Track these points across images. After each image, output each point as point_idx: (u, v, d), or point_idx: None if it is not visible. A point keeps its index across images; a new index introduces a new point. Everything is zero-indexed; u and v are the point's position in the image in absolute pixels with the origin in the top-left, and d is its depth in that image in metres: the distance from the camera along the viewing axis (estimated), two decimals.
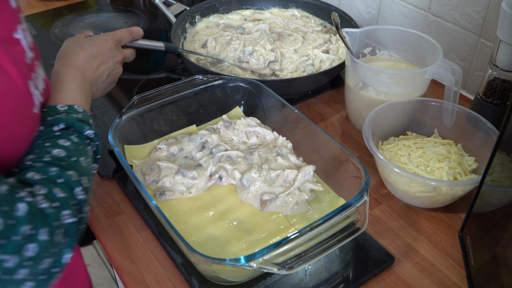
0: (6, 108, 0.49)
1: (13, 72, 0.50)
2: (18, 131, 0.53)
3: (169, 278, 0.70)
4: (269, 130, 0.87)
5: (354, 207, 0.64)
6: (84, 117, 0.64)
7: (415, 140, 0.85)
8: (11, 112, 0.50)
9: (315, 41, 1.14)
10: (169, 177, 0.79)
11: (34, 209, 0.46)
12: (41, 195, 0.49)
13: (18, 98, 0.51)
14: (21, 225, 0.44)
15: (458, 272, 0.71)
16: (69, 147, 0.57)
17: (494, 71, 0.87)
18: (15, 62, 0.50)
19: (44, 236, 0.47)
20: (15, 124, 0.52)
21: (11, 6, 0.50)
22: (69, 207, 0.51)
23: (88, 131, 0.62)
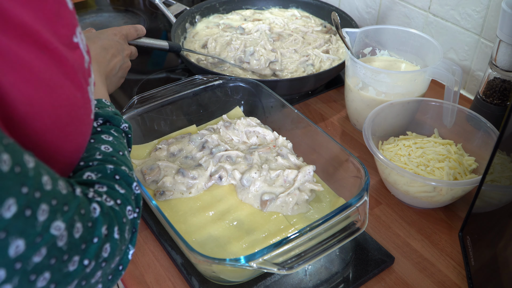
0: (73, 118, 0.46)
1: (77, 80, 0.47)
2: (81, 140, 0.50)
3: (169, 278, 0.70)
4: (269, 130, 0.87)
5: (354, 207, 0.64)
6: (116, 111, 0.63)
7: (415, 140, 0.85)
8: (77, 121, 0.47)
9: (315, 41, 1.14)
10: (169, 177, 0.79)
11: (105, 208, 0.45)
12: (104, 193, 0.47)
13: (81, 106, 0.48)
14: (99, 226, 0.43)
15: (458, 272, 0.71)
16: (113, 142, 0.55)
17: (494, 71, 0.87)
18: (77, 68, 0.47)
19: (116, 234, 0.46)
20: (80, 133, 0.49)
21: (69, 8, 0.45)
22: (130, 203, 0.50)
23: (124, 124, 0.61)
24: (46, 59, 0.41)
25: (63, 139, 0.46)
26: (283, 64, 1.07)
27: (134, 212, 0.51)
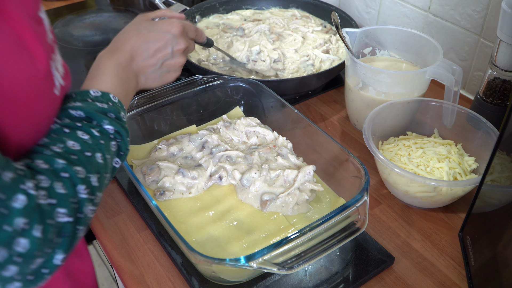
0: (29, 86, 0.48)
1: (38, 51, 0.49)
2: (39, 112, 0.51)
3: (169, 278, 0.70)
4: (269, 130, 0.87)
5: (354, 207, 0.64)
6: (111, 109, 0.59)
7: (415, 140, 0.85)
8: (33, 90, 0.49)
9: (315, 41, 1.14)
10: (169, 177, 0.79)
11: (33, 204, 0.44)
12: (43, 189, 0.47)
13: (41, 77, 0.50)
14: (15, 216, 0.42)
15: (458, 272, 0.71)
16: (87, 141, 0.54)
17: (494, 71, 0.87)
18: (40, 40, 0.50)
19: (38, 233, 0.45)
20: (37, 103, 0.50)
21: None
22: (66, 205, 0.49)
23: (107, 126, 0.57)
24: (7, 29, 0.43)
25: (20, 109, 0.47)
26: (284, 64, 1.07)
27: (69, 217, 0.49)
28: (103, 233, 0.77)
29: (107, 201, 0.82)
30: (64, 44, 1.25)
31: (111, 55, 0.67)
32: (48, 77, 0.51)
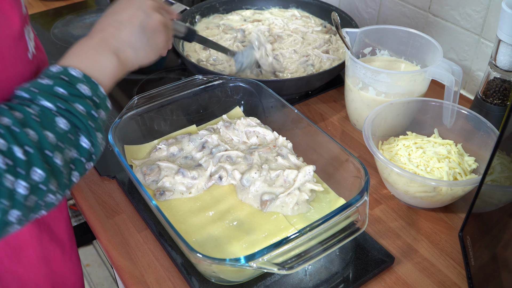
0: (2, 40, 0.51)
1: (13, 15, 0.53)
2: (9, 72, 0.54)
3: (169, 278, 0.70)
4: (269, 130, 0.87)
5: (354, 207, 0.64)
6: (60, 83, 0.54)
7: (415, 140, 0.85)
8: (6, 45, 0.52)
9: (315, 41, 1.14)
10: (169, 177, 0.79)
11: None
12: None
13: (14, 36, 0.53)
14: None
15: (458, 272, 0.71)
16: (17, 117, 0.50)
17: (494, 71, 0.87)
18: (16, 8, 0.54)
19: None
20: (9, 63, 0.53)
21: None
22: None
23: (43, 102, 0.52)
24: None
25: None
26: (283, 65, 1.07)
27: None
28: (103, 233, 0.77)
29: (107, 201, 0.82)
30: (64, 44, 1.25)
31: (81, 40, 0.64)
32: (21, 39, 0.55)
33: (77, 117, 0.54)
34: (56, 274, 0.76)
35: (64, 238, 0.76)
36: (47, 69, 0.57)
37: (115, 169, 0.87)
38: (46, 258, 0.73)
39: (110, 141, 0.76)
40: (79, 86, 0.56)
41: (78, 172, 0.55)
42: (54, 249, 0.74)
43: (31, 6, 1.45)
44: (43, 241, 0.72)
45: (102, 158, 0.90)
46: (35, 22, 1.36)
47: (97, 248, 1.79)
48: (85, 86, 0.56)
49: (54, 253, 0.74)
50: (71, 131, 0.53)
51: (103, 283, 1.75)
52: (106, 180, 0.86)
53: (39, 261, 0.72)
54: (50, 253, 0.74)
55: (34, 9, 1.43)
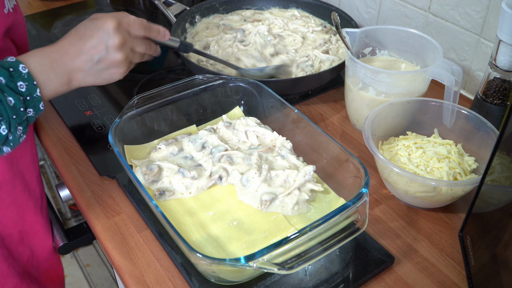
0: None
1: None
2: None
3: (169, 278, 0.70)
4: (269, 130, 0.87)
5: (354, 207, 0.64)
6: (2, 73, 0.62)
7: (415, 140, 0.85)
8: None
9: (315, 41, 1.14)
10: (169, 177, 0.79)
11: None
12: None
13: None
14: None
15: (458, 272, 0.71)
16: None
17: (494, 71, 0.87)
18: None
19: None
20: None
21: None
22: None
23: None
24: None
25: None
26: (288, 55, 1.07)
27: None
28: (103, 233, 0.77)
29: (107, 201, 0.82)
30: None
31: (46, 47, 0.69)
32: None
33: (4, 107, 0.61)
34: (26, 222, 0.81)
35: (36, 190, 0.82)
36: (6, 57, 0.64)
37: (115, 169, 0.87)
38: (17, 203, 0.78)
39: (110, 141, 0.76)
40: (18, 82, 0.63)
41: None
42: (27, 198, 0.80)
43: (31, 6, 1.45)
44: (15, 185, 0.77)
45: (102, 158, 0.90)
46: (35, 22, 1.36)
47: (97, 248, 1.79)
48: (23, 83, 0.63)
49: (27, 202, 0.80)
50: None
51: (103, 283, 1.75)
52: (106, 180, 0.86)
53: (10, 204, 0.77)
54: (23, 201, 0.79)
55: (34, 9, 1.43)
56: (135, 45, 0.76)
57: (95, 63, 0.71)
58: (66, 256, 1.83)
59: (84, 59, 0.70)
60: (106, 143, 0.93)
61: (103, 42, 0.71)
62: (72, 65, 0.70)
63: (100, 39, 0.71)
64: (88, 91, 1.07)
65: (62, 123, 0.99)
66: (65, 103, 1.03)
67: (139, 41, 0.76)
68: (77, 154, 0.91)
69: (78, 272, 1.79)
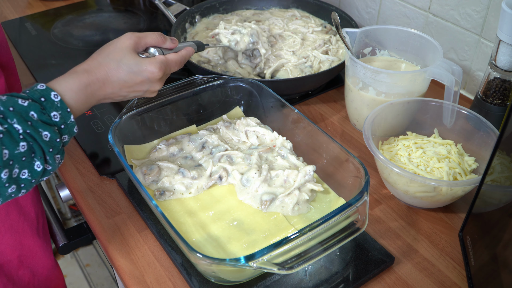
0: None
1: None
2: None
3: (169, 278, 0.70)
4: (269, 130, 0.87)
5: (354, 207, 0.64)
6: (34, 107, 0.59)
7: (415, 140, 0.85)
8: None
9: (315, 42, 1.14)
10: (169, 177, 0.79)
11: None
12: None
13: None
14: None
15: (458, 272, 0.71)
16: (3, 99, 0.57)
17: (494, 71, 0.87)
18: None
19: None
20: None
21: None
22: None
23: (16, 125, 0.57)
24: None
25: None
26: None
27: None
28: (103, 233, 0.77)
29: (107, 201, 0.82)
30: (64, 44, 1.25)
31: (84, 73, 0.67)
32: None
33: (38, 144, 0.59)
34: (24, 246, 0.79)
35: (31, 212, 0.80)
36: (34, 85, 0.62)
37: (115, 169, 0.87)
38: (13, 229, 0.77)
39: (110, 141, 0.76)
40: (51, 113, 0.61)
41: (25, 189, 0.60)
42: (22, 223, 0.78)
43: (31, 6, 1.45)
44: (10, 212, 0.76)
45: (102, 158, 0.90)
46: (35, 22, 1.36)
47: (97, 248, 1.79)
48: (57, 113, 0.61)
49: (23, 227, 0.78)
50: (26, 154, 0.58)
51: (103, 283, 1.75)
52: (106, 180, 0.86)
53: (7, 232, 0.76)
54: (19, 226, 0.78)
55: (34, 9, 1.43)
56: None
57: (129, 98, 0.74)
58: (66, 256, 1.83)
59: (119, 94, 0.71)
60: (106, 143, 0.93)
61: (144, 88, 0.73)
62: (104, 96, 0.70)
63: (142, 85, 0.72)
64: None
65: None
66: None
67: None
68: (77, 154, 0.92)
69: (78, 272, 1.79)
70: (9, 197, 0.58)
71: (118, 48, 0.71)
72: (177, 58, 0.77)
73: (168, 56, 0.76)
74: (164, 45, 0.76)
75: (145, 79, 0.72)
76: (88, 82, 0.66)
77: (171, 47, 0.77)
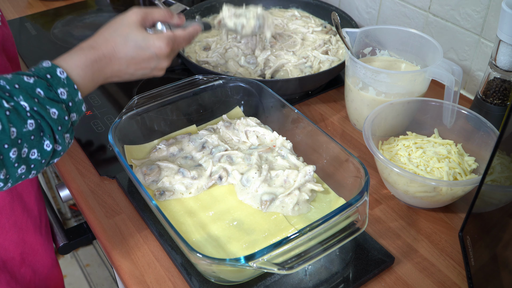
0: None
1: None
2: None
3: (169, 278, 0.70)
4: (269, 130, 0.87)
5: (354, 207, 0.64)
6: (40, 84, 0.57)
7: (415, 140, 0.85)
8: None
9: (315, 42, 1.14)
10: (169, 177, 0.79)
11: None
12: None
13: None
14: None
15: (458, 272, 0.71)
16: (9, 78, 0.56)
17: (494, 71, 0.87)
18: None
19: None
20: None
21: None
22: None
23: (23, 102, 0.55)
24: None
25: None
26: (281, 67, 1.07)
27: None
28: (103, 233, 0.77)
29: (107, 201, 0.82)
30: (64, 44, 1.25)
31: (90, 49, 0.65)
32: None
33: (46, 122, 0.57)
34: (26, 243, 0.79)
35: (34, 210, 0.80)
36: (39, 63, 0.60)
37: (115, 169, 0.87)
38: (17, 226, 0.77)
39: (110, 141, 0.76)
40: (58, 90, 0.59)
41: (35, 170, 0.58)
42: (26, 219, 0.78)
43: (31, 6, 1.45)
44: (14, 209, 0.76)
45: (102, 158, 0.90)
46: (35, 22, 1.36)
47: (97, 248, 1.79)
48: (64, 90, 0.59)
49: (27, 224, 0.78)
50: (34, 132, 0.56)
51: (103, 283, 1.75)
52: (106, 180, 0.86)
53: (11, 228, 0.76)
54: (23, 223, 0.78)
55: (34, 9, 1.43)
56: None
57: (136, 76, 0.72)
58: (66, 256, 1.83)
59: (127, 72, 0.70)
60: (106, 143, 0.93)
61: (151, 65, 0.71)
62: (112, 73, 0.68)
63: (150, 61, 0.71)
64: None
65: None
66: None
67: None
68: (77, 154, 0.92)
69: (78, 272, 1.79)
70: (19, 178, 0.56)
71: (125, 24, 0.69)
72: (184, 35, 0.75)
73: (176, 32, 0.74)
74: (171, 21, 0.75)
75: (152, 55, 0.70)
76: (94, 58, 0.65)
77: (178, 23, 0.76)
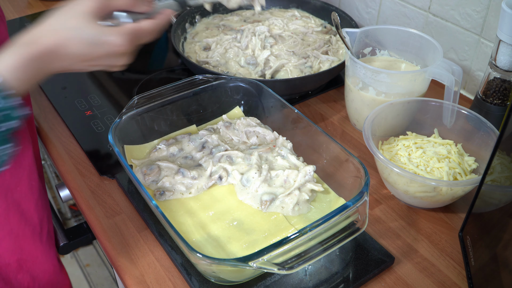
0: None
1: None
2: None
3: (169, 278, 0.70)
4: (269, 130, 0.87)
5: (354, 207, 0.64)
6: None
7: (415, 140, 0.85)
8: None
9: (315, 42, 1.14)
10: (169, 177, 0.79)
11: None
12: None
13: None
14: None
15: (458, 272, 0.71)
16: None
17: (494, 71, 0.87)
18: None
19: None
20: None
21: None
22: None
23: None
24: None
25: None
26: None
27: None
28: (103, 233, 0.77)
29: (107, 201, 0.82)
30: None
31: (29, 44, 0.56)
32: None
33: None
34: (24, 250, 0.78)
35: (34, 217, 0.78)
36: None
37: (115, 169, 0.87)
38: (13, 233, 0.75)
39: (110, 141, 0.76)
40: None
41: None
42: (23, 227, 0.76)
43: (31, 6, 1.45)
44: (10, 217, 0.74)
45: (102, 158, 0.90)
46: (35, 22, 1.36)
47: (97, 248, 1.79)
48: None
49: (24, 231, 0.76)
50: None
51: (103, 283, 1.75)
52: (106, 180, 0.86)
53: (5, 236, 0.74)
54: (19, 231, 0.76)
55: (34, 9, 1.43)
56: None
57: (91, 70, 0.63)
58: (66, 256, 1.83)
59: (78, 69, 0.61)
60: (106, 143, 0.93)
61: (106, 63, 0.62)
62: (60, 71, 0.59)
63: (104, 61, 0.61)
64: (88, 91, 1.07)
65: (62, 123, 0.99)
66: (65, 103, 1.03)
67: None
68: (77, 154, 0.92)
69: (78, 272, 1.79)
70: None
71: (76, 13, 0.58)
72: (151, 26, 0.63)
73: (141, 23, 0.63)
74: (135, 9, 0.63)
75: (108, 53, 0.59)
76: (33, 56, 0.55)
77: (144, 10, 0.64)
